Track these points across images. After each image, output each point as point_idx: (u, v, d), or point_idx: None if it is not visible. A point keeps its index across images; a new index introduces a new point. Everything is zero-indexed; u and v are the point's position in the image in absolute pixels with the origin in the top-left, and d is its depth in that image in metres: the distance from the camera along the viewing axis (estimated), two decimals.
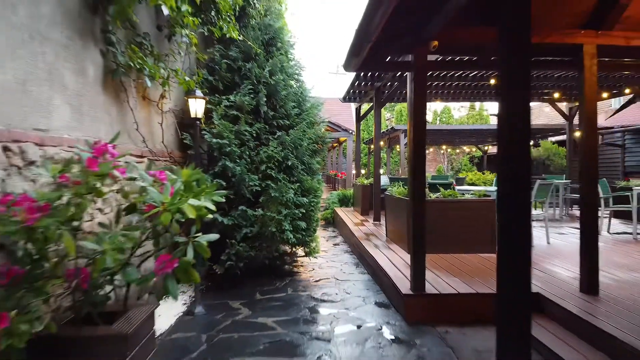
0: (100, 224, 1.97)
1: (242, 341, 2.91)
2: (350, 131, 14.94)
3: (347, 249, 6.43)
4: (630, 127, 10.55)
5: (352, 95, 8.07)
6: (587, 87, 3.40)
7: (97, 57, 2.73)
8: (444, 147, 20.16)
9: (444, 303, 3.29)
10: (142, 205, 1.96)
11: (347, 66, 3.67)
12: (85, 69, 2.58)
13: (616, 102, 13.03)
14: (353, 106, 12.14)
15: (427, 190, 5.15)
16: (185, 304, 3.72)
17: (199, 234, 1.94)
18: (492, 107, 24.54)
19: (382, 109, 8.05)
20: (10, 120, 1.91)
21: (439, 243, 4.54)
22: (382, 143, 15.55)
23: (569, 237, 5.82)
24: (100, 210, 2.63)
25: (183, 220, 1.93)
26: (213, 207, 1.93)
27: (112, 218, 2.43)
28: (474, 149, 18.78)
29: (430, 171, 22.96)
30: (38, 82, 2.12)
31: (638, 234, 5.67)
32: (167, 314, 3.40)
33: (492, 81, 6.44)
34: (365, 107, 10.49)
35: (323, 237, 7.38)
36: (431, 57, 3.81)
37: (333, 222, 9.41)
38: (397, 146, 17.81)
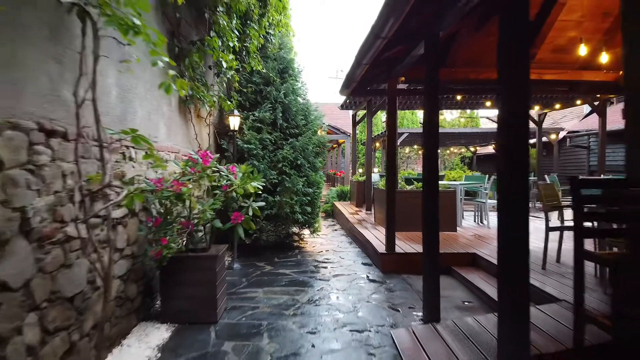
0: (198, 197, 3.38)
1: (270, 280, 4.35)
2: (348, 134, 16.27)
3: (344, 233, 7.87)
4: (594, 130, 11.96)
5: (349, 104, 9.49)
6: None
7: (176, 92, 4.16)
8: None
9: (408, 259, 4.72)
10: (219, 185, 3.39)
11: (342, 93, 5.13)
12: (171, 101, 4.01)
13: (587, 108, 14.43)
14: (350, 112, 13.48)
15: (404, 183, 6.59)
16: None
17: (254, 201, 3.37)
18: (482, 111, 26.01)
19: (379, 112, 9.38)
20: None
21: (411, 223, 5.96)
22: (377, 144, 16.95)
23: None
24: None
25: (241, 195, 3.36)
26: (261, 187, 3.37)
27: (204, 192, 3.89)
28: (463, 150, 20.18)
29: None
30: (153, 112, 3.55)
31: None
32: None
33: (459, 97, 7.88)
34: (362, 112, 11.84)
35: (324, 226, 8.80)
36: (402, 86, 5.23)
37: (332, 214, 10.77)
38: None
